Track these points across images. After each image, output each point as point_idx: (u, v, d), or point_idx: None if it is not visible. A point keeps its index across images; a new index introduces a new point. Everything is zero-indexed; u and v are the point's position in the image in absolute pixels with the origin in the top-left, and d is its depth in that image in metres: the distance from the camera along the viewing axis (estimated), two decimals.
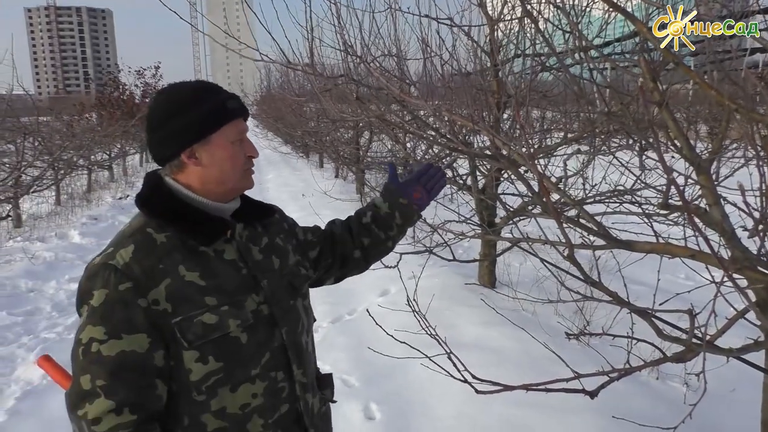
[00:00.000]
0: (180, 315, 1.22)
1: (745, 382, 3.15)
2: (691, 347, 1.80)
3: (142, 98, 24.37)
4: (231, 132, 1.31)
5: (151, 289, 1.21)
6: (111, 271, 1.20)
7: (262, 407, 1.31)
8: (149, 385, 1.20)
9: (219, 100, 1.30)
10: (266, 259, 1.39)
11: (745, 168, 3.14)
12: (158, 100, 1.33)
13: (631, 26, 2.27)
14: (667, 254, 2.07)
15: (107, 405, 1.15)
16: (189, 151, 1.29)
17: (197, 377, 1.24)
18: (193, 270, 1.25)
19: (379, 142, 9.11)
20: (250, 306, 1.31)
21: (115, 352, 1.17)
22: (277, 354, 1.34)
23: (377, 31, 3.87)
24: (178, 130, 1.28)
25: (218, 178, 1.31)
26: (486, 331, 4.17)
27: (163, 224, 1.28)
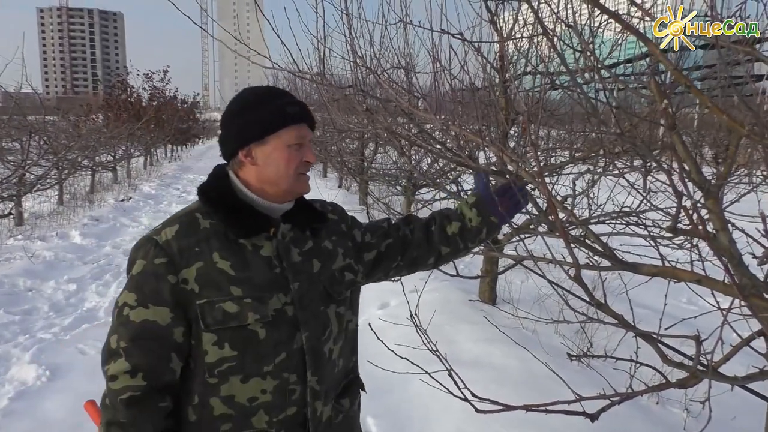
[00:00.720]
0: (204, 298, 1.28)
1: (746, 410, 3.11)
2: (696, 374, 1.77)
3: (149, 101, 24.48)
4: (288, 136, 1.37)
5: (183, 269, 1.28)
6: (152, 245, 1.30)
7: (269, 404, 1.33)
8: (164, 356, 1.28)
9: (280, 104, 1.37)
10: (305, 262, 1.42)
11: (752, 194, 3.13)
12: (231, 101, 1.44)
13: (643, 47, 2.27)
14: (673, 278, 2.05)
15: (124, 366, 1.25)
16: (246, 150, 1.37)
17: (212, 360, 1.29)
18: (226, 259, 1.31)
19: (384, 154, 9.12)
20: (274, 304, 1.33)
21: (140, 320, 1.27)
22: (294, 356, 1.36)
23: (389, 43, 3.88)
24: (238, 130, 1.37)
25: (272, 179, 1.37)
26: (486, 349, 4.14)
27: (210, 212, 1.36)
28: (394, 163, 8.07)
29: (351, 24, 3.17)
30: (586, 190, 3.37)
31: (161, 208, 12.28)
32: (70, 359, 4.31)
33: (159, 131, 23.12)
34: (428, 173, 5.75)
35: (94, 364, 4.26)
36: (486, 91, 4.16)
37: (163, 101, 25.97)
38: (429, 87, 3.88)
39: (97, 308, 5.61)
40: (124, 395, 1.25)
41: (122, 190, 14.42)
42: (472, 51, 3.33)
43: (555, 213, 1.41)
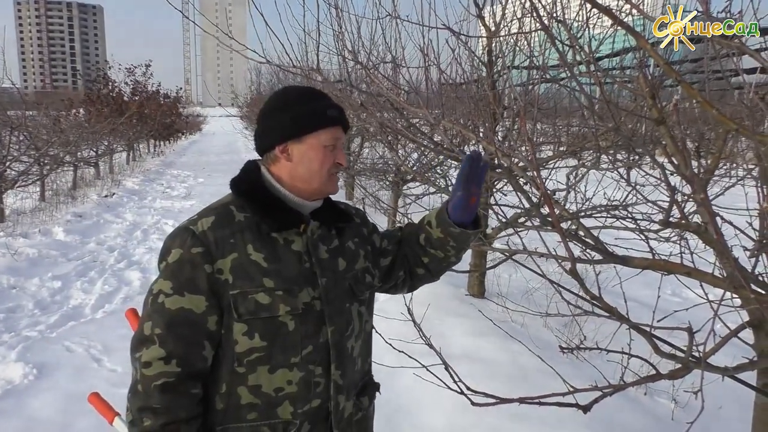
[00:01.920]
0: (238, 288, 1.31)
1: (732, 400, 3.17)
2: (688, 365, 1.80)
3: (132, 96, 24.15)
4: (325, 137, 1.40)
5: (218, 259, 1.31)
6: (189, 234, 1.33)
7: (294, 396, 1.36)
8: (198, 344, 1.31)
9: (321, 105, 1.41)
10: (332, 259, 1.45)
11: (736, 187, 3.18)
12: (270, 98, 1.47)
13: (632, 41, 2.29)
14: (663, 271, 2.08)
15: (159, 353, 1.28)
16: (283, 146, 1.40)
17: (242, 349, 1.32)
18: (259, 251, 1.34)
19: (371, 149, 9.10)
20: (303, 297, 1.36)
21: (176, 307, 1.30)
22: (320, 349, 1.39)
23: (381, 36, 3.87)
24: (277, 125, 1.41)
25: (305, 177, 1.41)
26: (476, 342, 4.17)
27: (245, 205, 1.39)
28: (381, 157, 8.06)
29: (341, 17, 3.16)
30: (575, 184, 3.40)
31: (145, 203, 12.16)
32: (57, 357, 4.27)
33: (142, 126, 22.85)
34: (417, 167, 5.75)
35: (81, 361, 4.23)
36: (476, 86, 4.17)
37: (146, 96, 25.62)
38: (418, 81, 3.89)
39: (83, 305, 5.55)
40: (158, 381, 1.27)
41: (105, 186, 14.24)
42: (461, 45, 3.33)
43: (551, 206, 1.41)
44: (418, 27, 3.45)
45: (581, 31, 2.94)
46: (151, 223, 9.76)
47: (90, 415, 3.32)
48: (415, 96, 3.60)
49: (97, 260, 7.23)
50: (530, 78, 3.91)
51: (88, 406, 1.58)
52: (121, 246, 8.03)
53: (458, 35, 3.14)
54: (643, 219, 2.75)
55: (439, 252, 1.61)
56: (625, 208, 3.21)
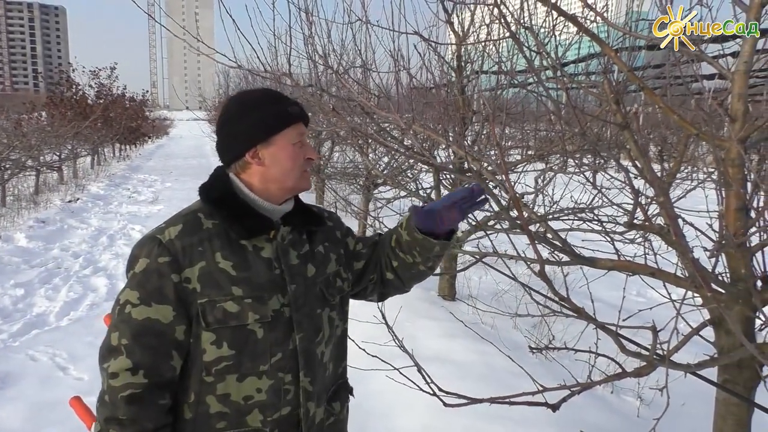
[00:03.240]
0: (206, 297, 1.31)
1: (696, 397, 3.25)
2: (653, 362, 1.85)
3: (96, 99, 23.68)
4: (292, 134, 1.41)
5: (186, 268, 1.31)
6: (156, 243, 1.32)
7: (264, 404, 1.36)
8: (165, 354, 1.30)
9: (282, 105, 1.41)
10: (301, 265, 1.44)
11: (697, 190, 3.27)
12: (227, 105, 1.45)
13: (597, 48, 2.35)
14: (628, 271, 2.14)
15: (126, 363, 1.27)
16: (253, 152, 1.39)
17: (210, 358, 1.32)
18: (228, 259, 1.34)
19: (341, 153, 9.11)
20: (273, 305, 1.36)
21: (142, 317, 1.29)
22: (289, 356, 1.38)
23: (351, 41, 3.88)
24: (243, 132, 1.39)
25: (278, 178, 1.40)
26: (447, 344, 4.20)
27: (213, 212, 1.38)
28: (351, 161, 8.07)
29: (311, 22, 3.17)
30: (542, 187, 3.46)
31: (111, 209, 11.92)
32: (21, 366, 4.16)
33: (107, 130, 22.41)
34: (387, 171, 5.78)
35: (47, 370, 4.14)
36: (445, 91, 4.22)
37: (111, 99, 25.14)
38: (388, 86, 3.92)
39: (47, 313, 5.42)
40: (125, 392, 1.26)
41: (69, 191, 13.92)
42: (432, 51, 3.37)
43: (519, 209, 1.45)
44: (388, 32, 3.48)
45: (548, 37, 3.00)
46: (117, 229, 9.58)
47: (58, 424, 3.25)
48: (386, 100, 3.63)
49: (62, 267, 7.06)
50: (498, 83, 3.96)
51: (56, 416, 1.56)
52: (86, 252, 7.86)
53: (428, 41, 3.17)
54: (609, 221, 2.82)
55: (408, 257, 1.58)
56: (592, 211, 3.28)
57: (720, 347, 2.08)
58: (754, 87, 4.55)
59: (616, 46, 3.61)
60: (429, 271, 1.63)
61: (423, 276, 1.64)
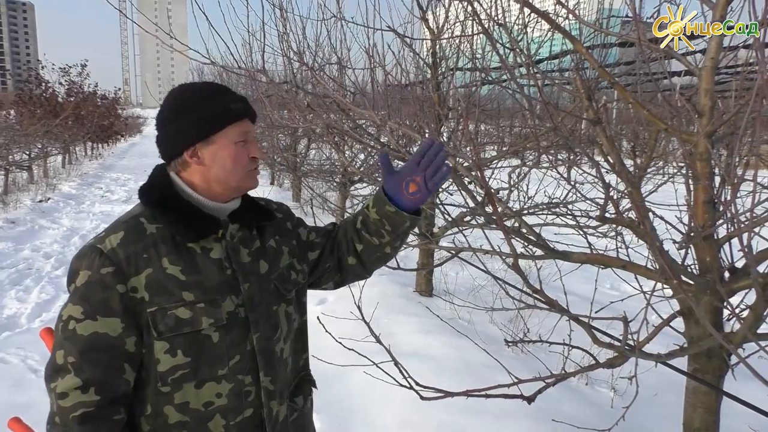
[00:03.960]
0: (155, 305, 1.25)
1: (667, 386, 3.33)
2: (624, 353, 1.89)
3: (67, 97, 23.23)
4: (234, 133, 1.33)
5: (132, 276, 1.24)
6: (97, 254, 1.24)
7: (225, 408, 1.32)
8: (117, 368, 1.23)
9: (224, 101, 1.33)
10: (253, 262, 1.39)
11: (668, 184, 3.34)
12: (167, 99, 1.37)
13: (565, 45, 2.38)
14: (601, 264, 2.18)
15: (74, 382, 1.20)
16: (192, 151, 1.32)
17: (164, 368, 1.26)
18: (176, 264, 1.28)
19: (317, 150, 9.08)
20: (227, 307, 1.31)
21: (89, 333, 1.21)
22: (247, 357, 1.34)
23: (326, 38, 3.87)
24: (182, 130, 1.32)
25: (220, 178, 1.34)
26: (425, 340, 4.22)
27: (156, 215, 1.30)
28: (327, 158, 8.05)
29: (285, 18, 3.15)
30: (517, 183, 3.50)
31: (84, 208, 11.72)
32: None
33: (78, 128, 22.01)
34: (363, 168, 5.78)
35: (18, 373, 4.06)
36: (419, 87, 4.23)
37: (82, 97, 24.68)
38: (364, 83, 3.92)
39: (18, 315, 5.31)
40: (76, 412, 1.19)
41: (39, 191, 13.64)
42: (406, 47, 3.38)
43: (493, 204, 1.46)
44: (363, 29, 3.48)
45: (521, 34, 3.03)
46: (90, 229, 9.43)
47: None
48: (361, 97, 3.63)
49: (33, 268, 6.93)
50: (473, 80, 3.99)
51: (28, 419, 1.52)
52: (58, 253, 7.72)
53: (402, 37, 3.18)
54: (582, 216, 2.86)
55: (374, 238, 1.53)
56: (566, 206, 3.32)
57: (690, 337, 2.12)
58: (723, 83, 4.65)
59: (588, 43, 3.67)
60: (393, 253, 1.60)
61: (387, 258, 1.60)
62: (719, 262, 1.99)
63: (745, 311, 2.02)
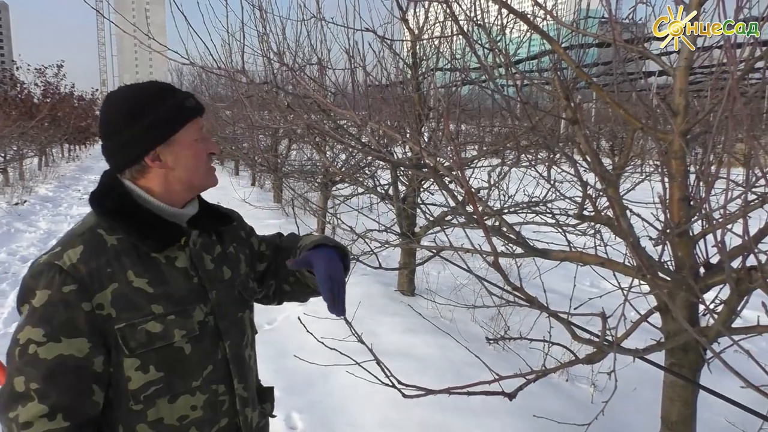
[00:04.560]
0: (124, 321, 1.18)
1: (646, 381, 3.38)
2: (602, 348, 1.92)
3: (43, 98, 22.89)
4: (192, 130, 1.29)
5: (97, 293, 1.17)
6: (56, 271, 1.16)
7: (200, 420, 1.28)
8: (86, 390, 1.16)
9: (178, 99, 1.28)
10: (217, 269, 1.36)
11: (646, 182, 3.39)
12: (112, 104, 1.28)
13: (544, 46, 2.41)
14: (579, 262, 2.21)
15: (39, 409, 1.11)
16: (153, 155, 1.25)
17: (136, 386, 1.21)
18: (141, 276, 1.22)
19: (298, 151, 9.06)
20: (197, 316, 1.27)
21: (53, 356, 1.13)
22: (219, 367, 1.32)
23: (306, 38, 3.87)
24: (138, 134, 1.24)
25: (184, 178, 1.29)
26: (407, 339, 4.24)
27: (114, 226, 1.23)
28: (309, 159, 8.04)
29: (265, 19, 3.15)
30: (498, 182, 3.53)
31: (61, 211, 11.57)
32: None
33: (55, 130, 21.70)
34: (345, 168, 5.78)
35: None
36: (401, 87, 4.25)
37: (59, 98, 24.34)
38: (344, 83, 3.92)
39: None
40: None
41: (15, 193, 13.42)
42: (386, 48, 3.39)
43: (473, 203, 1.48)
44: (343, 29, 3.48)
45: (500, 34, 3.06)
46: None
47: None
48: (342, 98, 3.64)
49: (9, 272, 6.83)
50: (455, 80, 4.01)
51: None
52: (35, 256, 7.54)
53: (382, 39, 3.20)
54: (561, 214, 2.89)
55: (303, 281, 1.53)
56: (545, 205, 3.36)
57: (667, 332, 2.16)
58: (699, 83, 4.73)
59: (566, 43, 3.71)
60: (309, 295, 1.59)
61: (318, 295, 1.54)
62: (694, 259, 2.03)
63: (720, 306, 2.06)
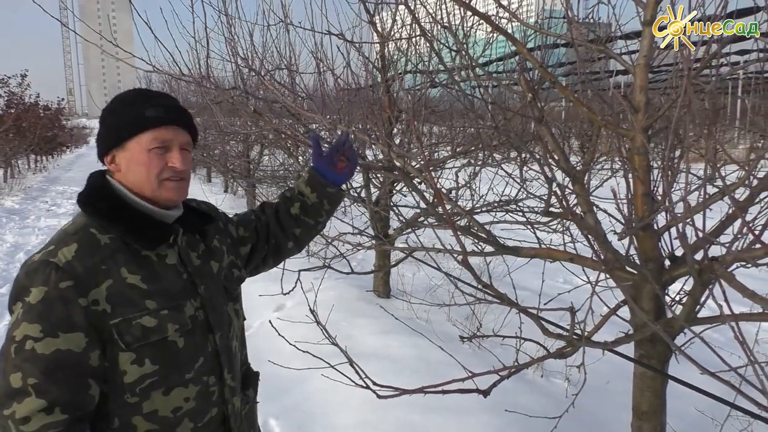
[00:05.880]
0: (119, 316, 1.23)
1: (618, 375, 3.44)
2: (572, 342, 1.95)
3: (7, 109, 22.38)
4: (148, 139, 1.31)
5: (92, 289, 1.21)
6: (52, 268, 1.19)
7: (193, 411, 1.34)
8: (83, 385, 1.20)
9: (142, 107, 1.32)
10: (204, 264, 1.43)
11: (613, 179, 3.46)
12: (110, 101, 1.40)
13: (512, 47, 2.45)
14: (549, 258, 2.24)
15: (38, 404, 1.15)
16: (111, 156, 1.34)
17: (131, 379, 1.25)
18: (135, 273, 1.27)
19: (270, 156, 9.01)
20: (188, 311, 1.33)
21: (51, 351, 1.17)
22: (210, 359, 1.37)
23: (271, 44, 3.86)
24: (103, 135, 1.35)
25: (136, 185, 1.33)
26: (383, 341, 4.25)
27: (106, 225, 1.29)
28: (281, 164, 8.00)
29: (232, 25, 3.13)
30: (468, 182, 3.56)
31: (28, 223, 11.32)
32: None
33: (20, 140, 21.25)
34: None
35: None
36: (370, 90, 4.26)
37: (23, 108, 23.82)
38: (313, 87, 3.92)
39: None
40: None
41: None
42: (355, 51, 3.40)
43: (442, 204, 1.50)
44: (312, 34, 3.49)
45: (465, 37, 3.10)
46: (35, 244, 9.12)
47: None
48: (310, 102, 3.64)
49: None
50: (421, 82, 4.04)
51: None
52: (1, 270, 7.45)
53: (351, 42, 3.21)
54: (530, 212, 2.93)
55: (311, 219, 1.71)
56: (516, 203, 3.40)
57: (635, 325, 2.21)
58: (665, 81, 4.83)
59: (531, 44, 3.76)
60: (323, 228, 1.81)
61: (318, 233, 1.82)
62: (659, 252, 2.08)
63: (685, 298, 2.11)
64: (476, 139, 3.84)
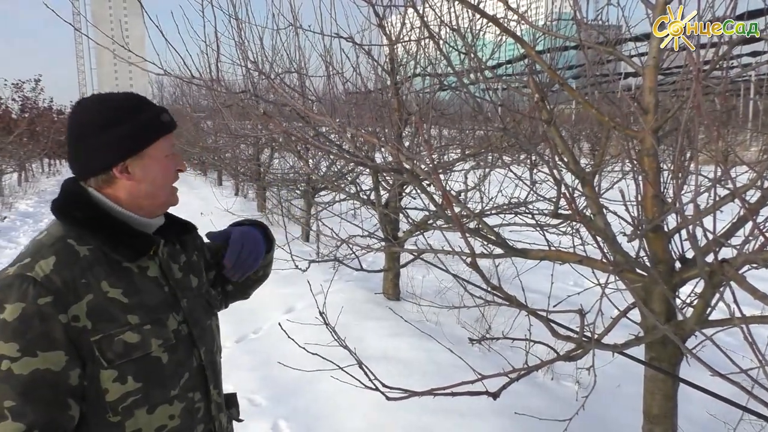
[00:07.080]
0: (100, 333, 1.16)
1: (629, 378, 3.42)
2: (582, 345, 1.94)
3: (21, 113, 22.64)
4: (164, 146, 1.29)
5: (73, 304, 1.14)
6: (29, 283, 1.12)
7: (178, 429, 1.28)
8: (62, 405, 1.14)
9: (153, 113, 1.28)
10: (185, 277, 1.38)
11: (623, 181, 3.44)
12: (84, 110, 1.26)
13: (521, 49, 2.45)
14: (558, 260, 2.24)
15: (14, 428, 1.08)
16: (122, 166, 1.24)
17: (114, 397, 1.19)
18: (116, 286, 1.21)
19: (281, 159, 9.05)
20: (171, 325, 1.28)
21: (29, 371, 1.10)
22: (195, 374, 1.33)
23: (281, 47, 3.88)
24: (110, 143, 1.23)
25: (150, 193, 1.28)
26: (393, 343, 4.25)
27: (84, 236, 1.21)
28: (291, 167, 8.03)
29: (242, 29, 3.16)
30: (477, 185, 3.56)
31: (42, 227, 11.35)
32: None
33: (34, 145, 21.50)
34: (327, 176, 5.79)
35: None
36: (379, 93, 4.28)
37: (37, 112, 24.11)
38: (323, 90, 3.94)
39: None
40: None
41: None
42: (364, 54, 3.42)
43: (450, 206, 1.50)
44: (321, 37, 3.51)
45: (475, 39, 3.10)
46: None
47: None
48: (320, 104, 3.66)
49: None
50: (430, 85, 4.05)
51: None
52: None
53: (360, 45, 3.22)
54: (539, 214, 2.93)
55: None
56: (525, 206, 3.40)
57: (645, 327, 2.19)
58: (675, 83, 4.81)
59: (541, 46, 3.76)
60: (265, 278, 1.71)
61: (261, 282, 1.71)
62: (670, 254, 2.07)
63: (695, 300, 2.10)
64: (485, 141, 3.84)
